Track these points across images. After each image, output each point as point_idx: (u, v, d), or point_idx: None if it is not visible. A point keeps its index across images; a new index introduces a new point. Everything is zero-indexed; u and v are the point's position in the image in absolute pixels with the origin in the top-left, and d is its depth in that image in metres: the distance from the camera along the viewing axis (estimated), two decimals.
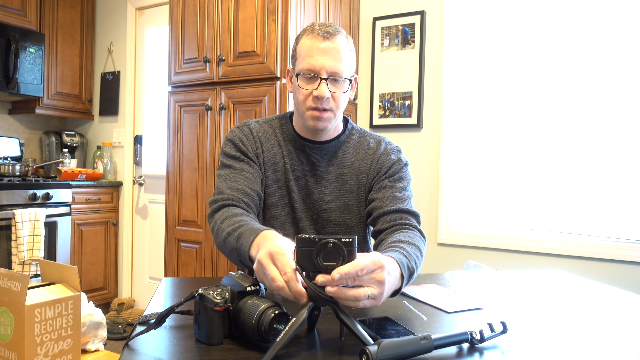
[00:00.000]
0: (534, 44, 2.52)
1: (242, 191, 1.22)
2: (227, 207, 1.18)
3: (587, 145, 2.38)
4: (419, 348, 0.73)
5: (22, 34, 3.29)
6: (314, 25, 1.24)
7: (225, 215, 1.15)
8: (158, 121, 3.64)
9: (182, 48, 2.69)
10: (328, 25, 1.23)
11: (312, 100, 1.22)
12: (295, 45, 1.27)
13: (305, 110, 1.24)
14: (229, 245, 1.07)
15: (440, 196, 2.70)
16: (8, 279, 0.91)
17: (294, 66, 1.28)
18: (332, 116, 1.25)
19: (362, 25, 2.96)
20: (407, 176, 1.35)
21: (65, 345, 0.95)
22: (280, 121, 1.37)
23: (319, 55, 1.19)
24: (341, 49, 1.21)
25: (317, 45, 1.20)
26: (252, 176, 1.26)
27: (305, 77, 1.21)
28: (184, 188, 2.69)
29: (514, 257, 2.51)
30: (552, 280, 1.36)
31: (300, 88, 1.23)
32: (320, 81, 1.20)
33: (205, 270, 2.60)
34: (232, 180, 1.24)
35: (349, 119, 1.40)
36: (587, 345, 0.85)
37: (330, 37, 1.20)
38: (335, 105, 1.24)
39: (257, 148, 1.31)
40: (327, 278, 0.76)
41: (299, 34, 1.28)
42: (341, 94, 1.23)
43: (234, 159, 1.28)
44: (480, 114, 2.66)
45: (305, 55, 1.21)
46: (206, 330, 0.78)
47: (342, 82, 1.22)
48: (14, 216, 2.87)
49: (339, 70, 1.21)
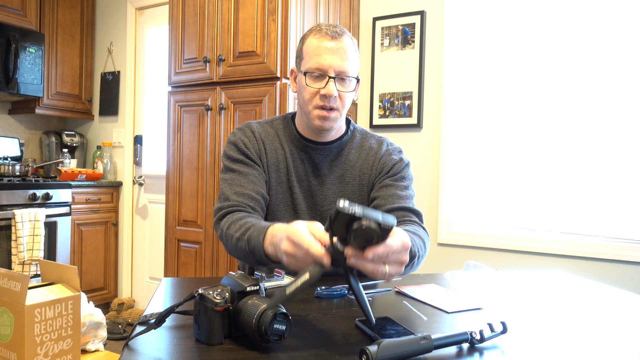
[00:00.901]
0: (534, 43, 2.52)
1: (248, 195, 1.22)
2: (232, 213, 1.19)
3: (586, 145, 2.38)
4: (419, 348, 0.73)
5: (22, 34, 3.29)
6: (320, 25, 1.25)
7: (230, 221, 1.17)
8: (158, 121, 3.64)
9: (182, 48, 2.69)
10: (334, 26, 1.25)
11: (319, 98, 1.22)
12: (300, 45, 1.28)
13: (312, 109, 1.24)
14: (242, 250, 1.09)
15: (440, 196, 2.70)
16: (8, 279, 0.91)
17: (299, 66, 1.28)
18: (338, 116, 1.26)
19: (362, 25, 2.96)
20: (409, 176, 1.36)
21: (65, 345, 0.95)
22: (283, 122, 1.37)
23: (327, 54, 1.20)
24: (348, 49, 1.23)
25: (325, 44, 1.21)
26: (256, 179, 1.26)
27: (313, 75, 1.22)
28: (184, 188, 2.69)
29: (514, 257, 2.51)
30: (552, 280, 1.36)
31: (307, 86, 1.23)
32: (329, 80, 1.21)
33: (205, 270, 2.60)
34: (238, 185, 1.24)
35: (351, 120, 1.41)
36: (587, 345, 0.85)
37: (338, 37, 1.22)
38: (341, 104, 1.25)
39: (260, 150, 1.31)
40: (359, 254, 0.76)
41: (305, 34, 1.28)
42: (348, 93, 1.24)
43: (238, 162, 1.29)
44: (480, 114, 2.66)
45: (313, 54, 1.22)
46: (206, 330, 0.78)
47: (348, 81, 1.24)
48: (14, 216, 2.87)
49: (347, 69, 1.22)
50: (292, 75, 1.33)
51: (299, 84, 1.27)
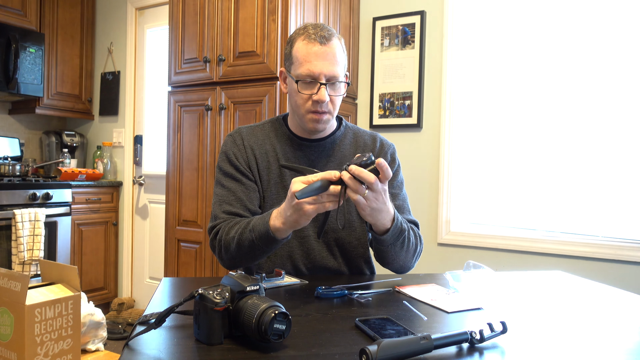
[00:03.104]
0: (534, 43, 2.52)
1: (236, 214, 1.28)
2: (225, 223, 1.25)
3: (586, 145, 2.38)
4: (419, 348, 0.73)
5: (22, 34, 3.29)
6: (307, 28, 1.26)
7: (226, 229, 1.22)
8: (158, 121, 3.64)
9: (182, 48, 2.69)
10: (321, 29, 1.25)
11: (311, 104, 1.25)
12: (289, 47, 1.29)
13: (305, 113, 1.27)
14: (247, 241, 1.15)
15: (440, 196, 2.70)
16: (8, 279, 0.91)
17: (289, 69, 1.30)
18: (330, 117, 1.30)
19: (362, 25, 2.96)
20: (401, 178, 1.41)
21: (65, 345, 0.95)
22: (274, 124, 1.41)
23: (316, 60, 1.22)
24: (337, 52, 1.25)
25: (314, 50, 1.23)
26: (245, 195, 1.30)
27: (305, 82, 1.24)
28: (184, 188, 2.69)
29: (514, 257, 2.51)
30: (552, 280, 1.36)
31: (300, 93, 1.25)
32: (320, 86, 1.23)
33: (205, 270, 2.60)
34: (227, 203, 1.29)
35: (342, 118, 1.44)
36: (587, 346, 0.85)
37: (327, 42, 1.23)
38: (332, 107, 1.28)
39: (249, 157, 1.34)
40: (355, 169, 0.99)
41: (292, 35, 1.29)
42: (338, 96, 1.28)
43: (228, 176, 1.33)
44: (480, 114, 2.66)
45: (303, 60, 1.23)
46: (206, 330, 0.78)
47: (339, 85, 1.26)
48: (14, 216, 2.87)
49: (337, 73, 1.24)
50: (282, 76, 1.35)
51: (291, 88, 1.30)
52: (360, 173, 0.99)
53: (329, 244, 1.33)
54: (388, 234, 1.14)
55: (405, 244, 1.21)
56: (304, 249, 1.32)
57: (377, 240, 1.19)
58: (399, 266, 1.28)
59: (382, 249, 1.21)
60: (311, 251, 1.32)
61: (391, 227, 1.13)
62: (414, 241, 1.26)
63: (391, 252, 1.22)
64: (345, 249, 1.33)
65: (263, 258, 1.24)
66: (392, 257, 1.23)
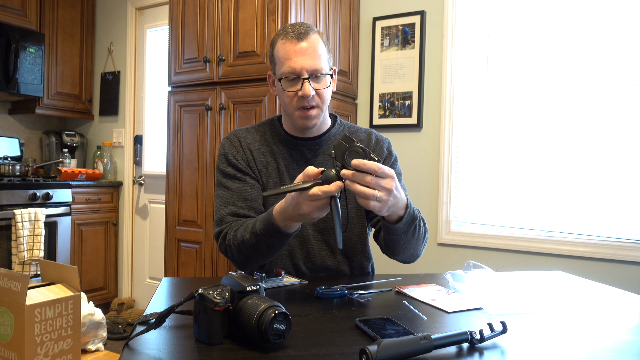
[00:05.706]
0: (534, 43, 2.52)
1: (242, 215, 1.27)
2: (231, 225, 1.25)
3: (586, 145, 2.37)
4: (418, 348, 0.73)
5: (22, 34, 3.29)
6: (286, 28, 1.28)
7: (233, 230, 1.22)
8: (158, 121, 3.65)
9: (182, 48, 2.69)
10: (299, 26, 1.27)
11: (298, 100, 1.26)
12: (271, 50, 1.31)
13: (294, 111, 1.28)
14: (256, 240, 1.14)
15: (440, 196, 2.70)
16: (8, 279, 0.91)
17: (274, 71, 1.31)
18: (320, 112, 1.30)
19: (362, 25, 2.96)
20: (398, 169, 1.41)
21: (65, 345, 0.95)
22: (270, 125, 1.42)
23: (296, 57, 1.24)
24: (317, 47, 1.26)
25: (293, 47, 1.24)
26: (249, 194, 1.30)
27: (288, 80, 1.25)
28: (184, 188, 2.69)
29: (514, 257, 2.51)
30: (552, 280, 1.36)
31: (285, 91, 1.27)
32: (303, 81, 1.24)
33: (205, 270, 2.60)
34: (232, 204, 1.29)
35: (337, 116, 1.45)
36: (587, 345, 0.85)
37: (305, 38, 1.25)
38: (320, 100, 1.28)
39: (248, 157, 1.35)
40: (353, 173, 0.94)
41: (273, 38, 1.31)
42: (325, 89, 1.28)
43: (230, 177, 1.33)
44: (480, 114, 2.66)
45: (284, 59, 1.25)
46: (206, 330, 0.78)
47: (323, 77, 1.27)
48: (14, 216, 2.87)
49: (319, 66, 1.25)
50: (270, 79, 1.37)
51: (277, 88, 1.31)
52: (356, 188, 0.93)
53: (328, 242, 1.33)
54: (401, 222, 1.11)
55: (417, 231, 1.19)
56: (303, 248, 1.33)
57: (389, 230, 1.15)
58: (409, 255, 1.26)
59: (394, 238, 1.17)
60: (311, 250, 1.33)
61: (405, 215, 1.10)
62: (423, 227, 1.23)
63: (403, 241, 1.19)
64: (345, 246, 1.33)
65: (276, 254, 1.21)
66: (403, 246, 1.20)
